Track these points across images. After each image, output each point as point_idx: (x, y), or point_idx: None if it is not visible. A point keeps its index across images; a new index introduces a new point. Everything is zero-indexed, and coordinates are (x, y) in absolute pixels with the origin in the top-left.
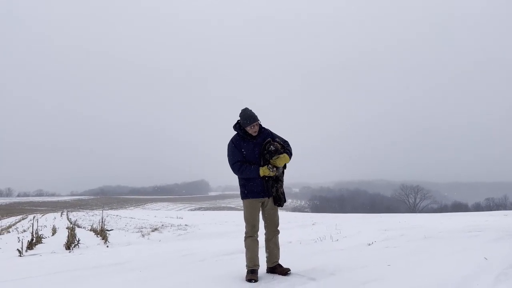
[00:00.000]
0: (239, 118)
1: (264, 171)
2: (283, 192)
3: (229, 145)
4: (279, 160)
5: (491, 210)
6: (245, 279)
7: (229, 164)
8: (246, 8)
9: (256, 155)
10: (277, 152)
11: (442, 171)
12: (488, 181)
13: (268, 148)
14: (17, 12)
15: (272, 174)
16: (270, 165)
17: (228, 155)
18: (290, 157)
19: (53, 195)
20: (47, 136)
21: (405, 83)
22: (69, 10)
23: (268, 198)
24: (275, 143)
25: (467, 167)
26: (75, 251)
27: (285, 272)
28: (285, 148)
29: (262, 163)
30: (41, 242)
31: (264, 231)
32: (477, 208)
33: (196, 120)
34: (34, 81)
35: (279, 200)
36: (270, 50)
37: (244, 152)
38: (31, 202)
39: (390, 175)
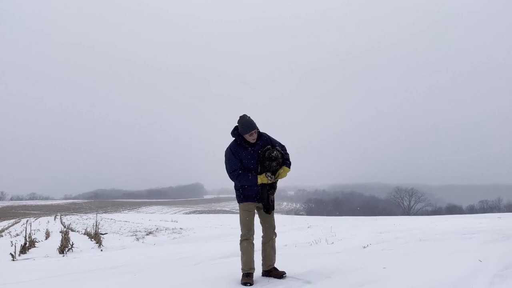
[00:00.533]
0: (237, 124)
1: (262, 179)
2: (273, 199)
3: (227, 152)
4: (283, 173)
5: (485, 212)
6: (240, 282)
7: (227, 172)
8: (246, 8)
9: (255, 163)
10: (277, 160)
11: (437, 174)
12: (482, 183)
13: (269, 155)
14: (17, 11)
15: (270, 182)
16: (268, 173)
17: (226, 163)
18: (289, 167)
19: (46, 198)
20: (40, 139)
21: (401, 85)
22: (70, 9)
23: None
24: (275, 151)
25: (461, 170)
26: (69, 255)
27: (280, 275)
28: (284, 156)
29: (260, 169)
30: (35, 246)
31: (261, 234)
32: (471, 210)
33: (191, 122)
34: (29, 83)
35: (268, 207)
36: (269, 49)
37: (243, 160)
38: (24, 205)
39: (385, 178)
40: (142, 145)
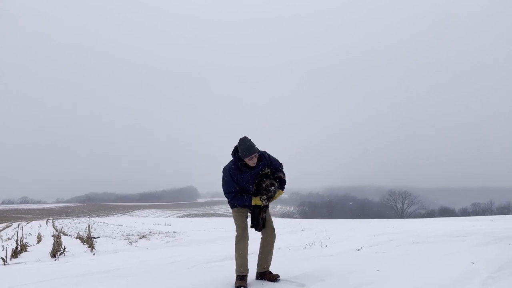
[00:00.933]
0: (237, 145)
1: (256, 201)
2: (265, 217)
3: (225, 173)
4: (277, 196)
5: (477, 215)
6: (234, 285)
7: (223, 191)
8: (246, 8)
9: (251, 185)
10: (274, 191)
11: (430, 176)
12: (474, 186)
13: (267, 188)
14: (18, 11)
15: (263, 204)
16: (264, 197)
17: (223, 183)
18: (283, 189)
19: (38, 202)
20: (32, 143)
21: (401, 85)
22: (70, 9)
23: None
24: (273, 186)
25: (454, 173)
26: (61, 259)
27: (274, 278)
28: (281, 182)
29: (254, 188)
30: (26, 250)
31: (260, 236)
32: (464, 213)
33: (186, 125)
34: (26, 84)
35: (257, 225)
36: (269, 49)
37: (240, 183)
38: (16, 209)
39: (378, 181)
40: (134, 149)
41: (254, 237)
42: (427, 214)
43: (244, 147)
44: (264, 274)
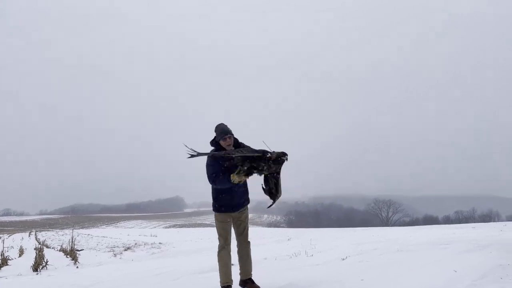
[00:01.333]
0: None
1: (233, 178)
2: (278, 181)
3: (207, 159)
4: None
5: (460, 222)
6: None
7: (208, 176)
8: (246, 8)
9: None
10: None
11: (413, 185)
12: (456, 194)
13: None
14: (18, 11)
15: (241, 181)
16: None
17: (207, 168)
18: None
19: (21, 214)
20: (14, 152)
21: (401, 85)
22: (70, 9)
23: (237, 212)
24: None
25: (437, 181)
26: (43, 273)
27: None
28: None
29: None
30: (7, 264)
31: (236, 244)
32: (447, 221)
33: (172, 133)
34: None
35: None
36: (269, 49)
37: (224, 163)
38: None
39: (364, 190)
40: (119, 159)
41: (235, 248)
42: (411, 222)
43: (219, 129)
44: (246, 283)
